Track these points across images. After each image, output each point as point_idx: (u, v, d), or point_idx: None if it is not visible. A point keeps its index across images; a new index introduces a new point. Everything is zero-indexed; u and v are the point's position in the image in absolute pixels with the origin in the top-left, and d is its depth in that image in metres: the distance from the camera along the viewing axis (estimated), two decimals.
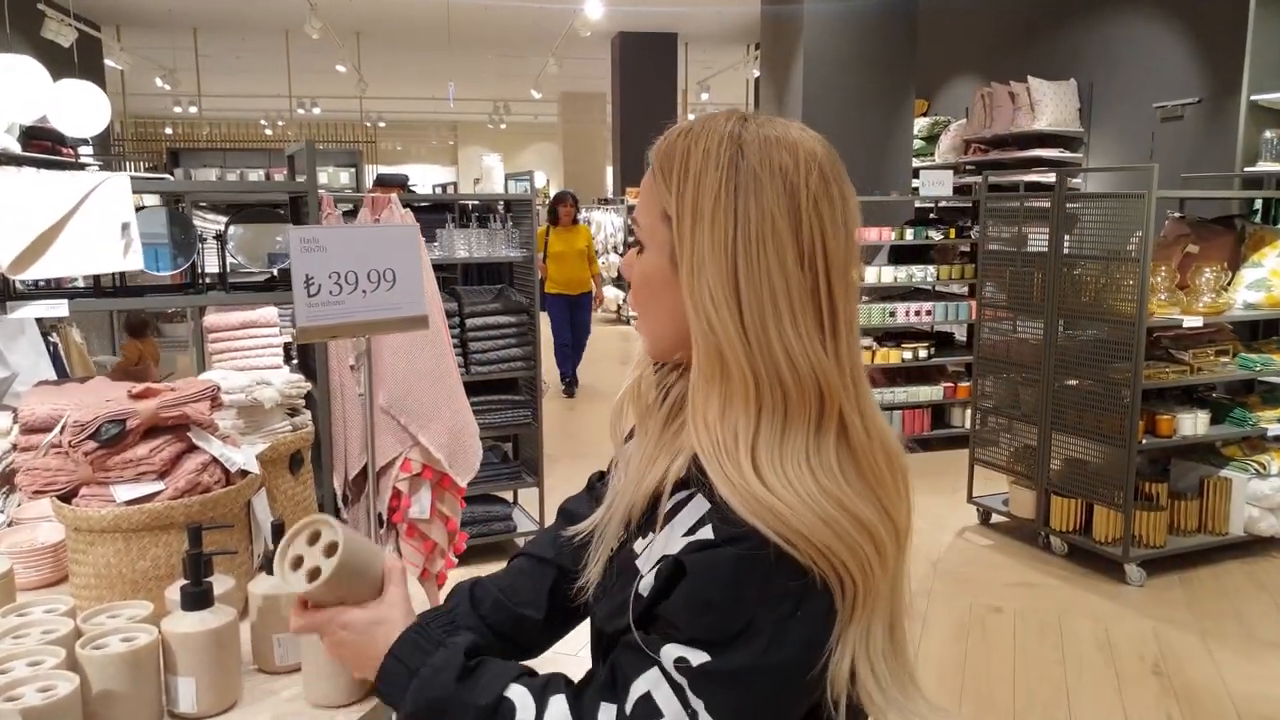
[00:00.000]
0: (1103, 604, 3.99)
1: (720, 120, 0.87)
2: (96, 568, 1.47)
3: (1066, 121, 7.66)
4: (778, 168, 0.83)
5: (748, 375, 0.82)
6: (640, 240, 0.92)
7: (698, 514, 0.84)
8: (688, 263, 0.84)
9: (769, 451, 0.81)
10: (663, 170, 0.87)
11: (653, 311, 0.92)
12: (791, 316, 0.82)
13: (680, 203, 0.85)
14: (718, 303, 0.82)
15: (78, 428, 1.49)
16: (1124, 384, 4.10)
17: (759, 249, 0.81)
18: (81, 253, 2.42)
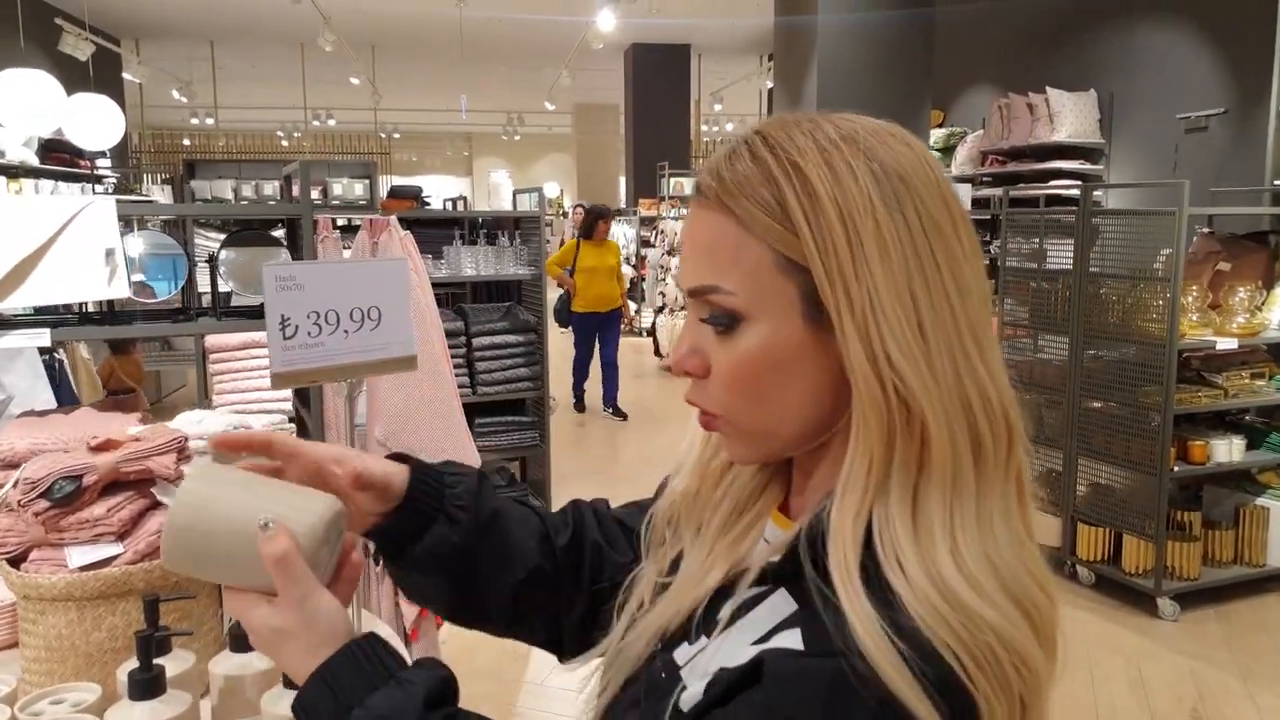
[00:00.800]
0: (1135, 640, 3.82)
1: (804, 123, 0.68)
2: (47, 639, 1.35)
3: (1086, 133, 7.49)
4: (913, 164, 0.66)
5: (944, 435, 0.62)
6: (733, 312, 0.67)
7: (779, 616, 0.65)
8: (856, 308, 0.63)
9: (968, 532, 0.62)
10: (762, 204, 0.65)
11: (773, 399, 0.68)
12: (976, 344, 0.65)
13: (823, 238, 0.63)
14: (907, 348, 0.63)
15: (28, 485, 1.36)
16: (1154, 408, 3.94)
17: (934, 270, 0.64)
18: (64, 280, 2.31)
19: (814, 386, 0.67)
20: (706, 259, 0.68)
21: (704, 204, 0.69)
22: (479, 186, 26.35)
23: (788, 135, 0.67)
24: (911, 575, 0.59)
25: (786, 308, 0.66)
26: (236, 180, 12.29)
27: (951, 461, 0.63)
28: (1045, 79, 7.74)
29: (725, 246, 0.67)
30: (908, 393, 0.62)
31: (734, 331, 0.67)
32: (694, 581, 0.74)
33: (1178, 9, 6.96)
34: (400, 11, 11.73)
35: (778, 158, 0.65)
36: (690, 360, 0.71)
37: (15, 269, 2.26)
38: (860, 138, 0.66)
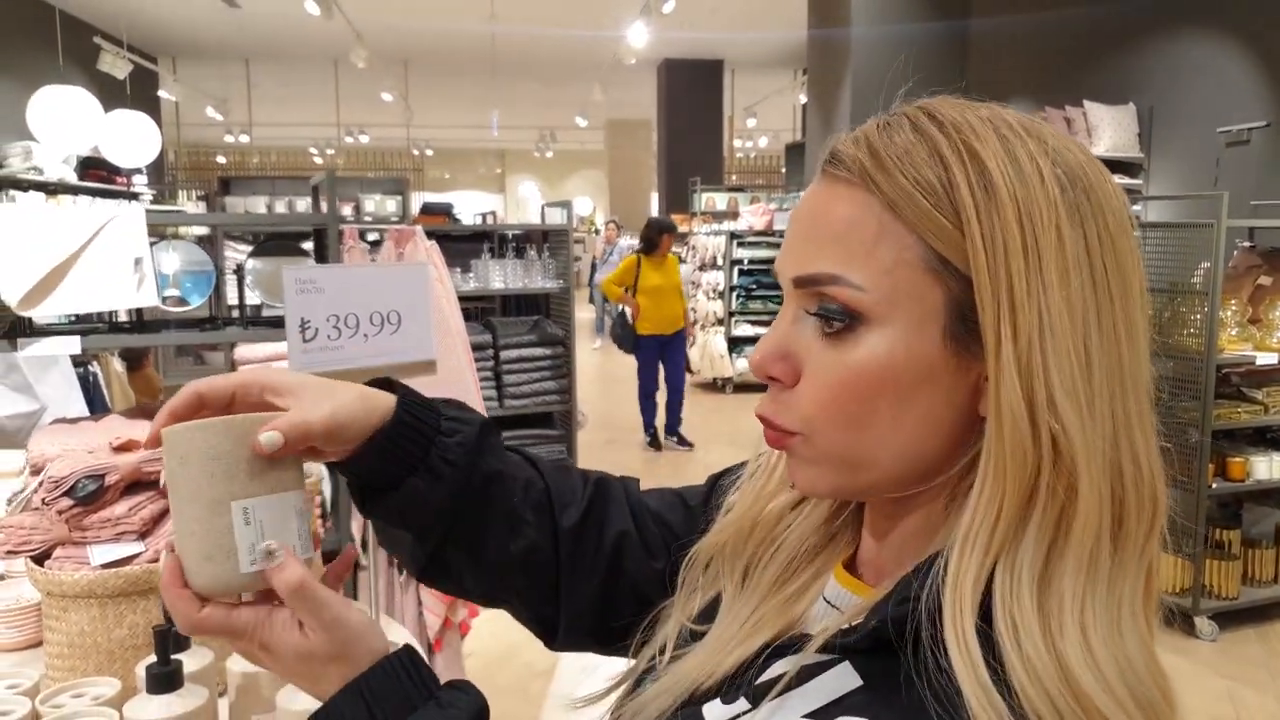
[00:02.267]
0: (1171, 660, 3.71)
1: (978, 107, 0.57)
2: (70, 635, 1.35)
3: (1125, 146, 7.41)
4: (1099, 177, 0.55)
5: (1093, 500, 0.52)
6: (856, 310, 0.55)
7: (839, 690, 0.55)
8: (1022, 333, 0.52)
9: (1100, 618, 0.52)
10: (920, 184, 0.54)
11: (882, 422, 0.56)
12: (1138, 401, 0.54)
13: (994, 239, 0.52)
14: (1073, 395, 0.52)
15: (52, 484, 1.37)
16: (1192, 424, 3.86)
17: (1108, 304, 0.53)
18: (94, 289, 2.34)
19: (933, 419, 0.56)
20: (831, 243, 0.56)
21: (839, 178, 0.57)
22: (511, 203, 26.53)
23: (960, 114, 0.56)
24: (1030, 655, 0.50)
25: (925, 317, 0.54)
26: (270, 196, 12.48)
27: (1095, 533, 0.52)
28: (1083, 92, 7.66)
29: (862, 231, 0.55)
30: (1067, 445, 0.52)
31: (849, 334, 0.56)
32: (736, 638, 0.64)
33: (1219, 21, 6.88)
34: (432, 27, 11.87)
35: (948, 136, 0.54)
36: (778, 364, 0.58)
37: (46, 278, 2.30)
38: (1046, 135, 0.56)
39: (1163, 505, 0.55)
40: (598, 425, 8.05)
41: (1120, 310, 0.54)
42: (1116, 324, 0.54)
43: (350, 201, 11.64)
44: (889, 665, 0.54)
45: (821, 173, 0.59)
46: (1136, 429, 0.54)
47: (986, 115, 0.56)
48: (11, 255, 2.23)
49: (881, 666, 0.54)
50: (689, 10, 10.24)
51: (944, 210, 0.53)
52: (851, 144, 0.57)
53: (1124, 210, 0.56)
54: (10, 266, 2.21)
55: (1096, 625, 0.51)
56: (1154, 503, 0.54)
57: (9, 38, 9.51)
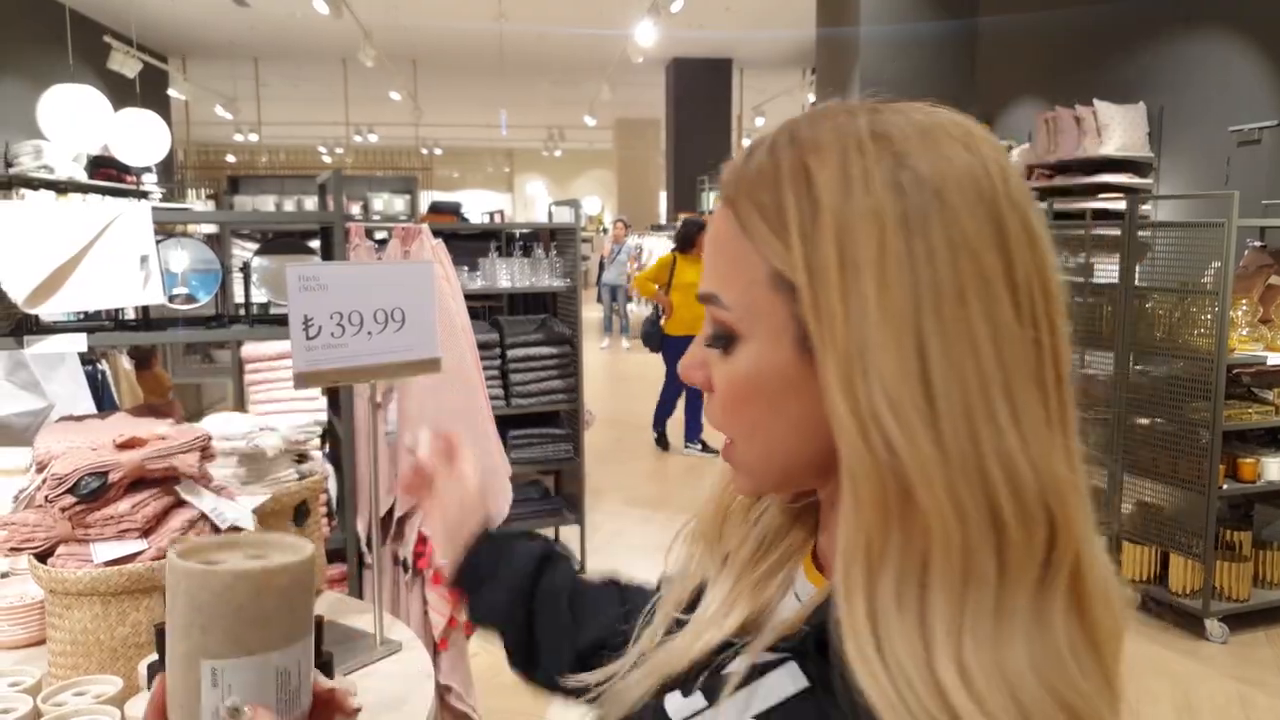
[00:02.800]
0: (1182, 662, 3.71)
1: (841, 115, 0.57)
2: (73, 633, 1.35)
3: (1136, 146, 7.36)
4: (964, 175, 0.53)
5: (951, 519, 0.50)
6: (728, 327, 0.59)
7: (788, 690, 0.56)
8: (839, 348, 0.52)
9: (978, 641, 0.50)
10: (762, 208, 0.56)
11: (761, 430, 0.59)
12: (1010, 409, 0.51)
13: (813, 255, 0.53)
14: (899, 405, 0.51)
15: (56, 481, 1.37)
16: (1202, 424, 3.84)
17: (956, 308, 0.51)
18: (99, 286, 2.34)
19: (808, 422, 0.56)
20: (714, 265, 0.60)
21: (722, 201, 0.60)
22: (519, 202, 26.55)
23: (813, 129, 0.56)
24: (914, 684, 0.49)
25: (778, 330, 0.56)
26: (279, 195, 12.50)
27: (960, 548, 0.50)
28: (1093, 91, 7.62)
29: (729, 252, 0.58)
30: (895, 460, 0.50)
31: (730, 350, 0.59)
32: (711, 621, 0.65)
33: (1230, 20, 6.84)
34: (441, 26, 11.87)
35: (793, 156, 0.55)
36: (695, 372, 0.63)
37: (52, 275, 2.30)
38: (898, 137, 0.54)
39: (1064, 514, 0.52)
40: (605, 424, 8.04)
41: (979, 314, 0.51)
42: (973, 329, 0.51)
43: (359, 200, 11.66)
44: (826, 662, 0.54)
45: None
46: (1010, 435, 0.51)
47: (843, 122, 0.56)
48: (18, 252, 2.23)
49: (825, 671, 0.54)
50: (697, 9, 10.23)
51: (777, 230, 0.55)
52: (727, 168, 0.60)
53: (994, 205, 0.53)
54: (16, 264, 2.22)
55: (977, 646, 0.49)
56: (1047, 513, 0.51)
57: (20, 37, 9.54)
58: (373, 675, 1.55)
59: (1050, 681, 0.49)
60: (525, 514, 4.43)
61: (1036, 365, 0.53)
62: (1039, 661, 0.50)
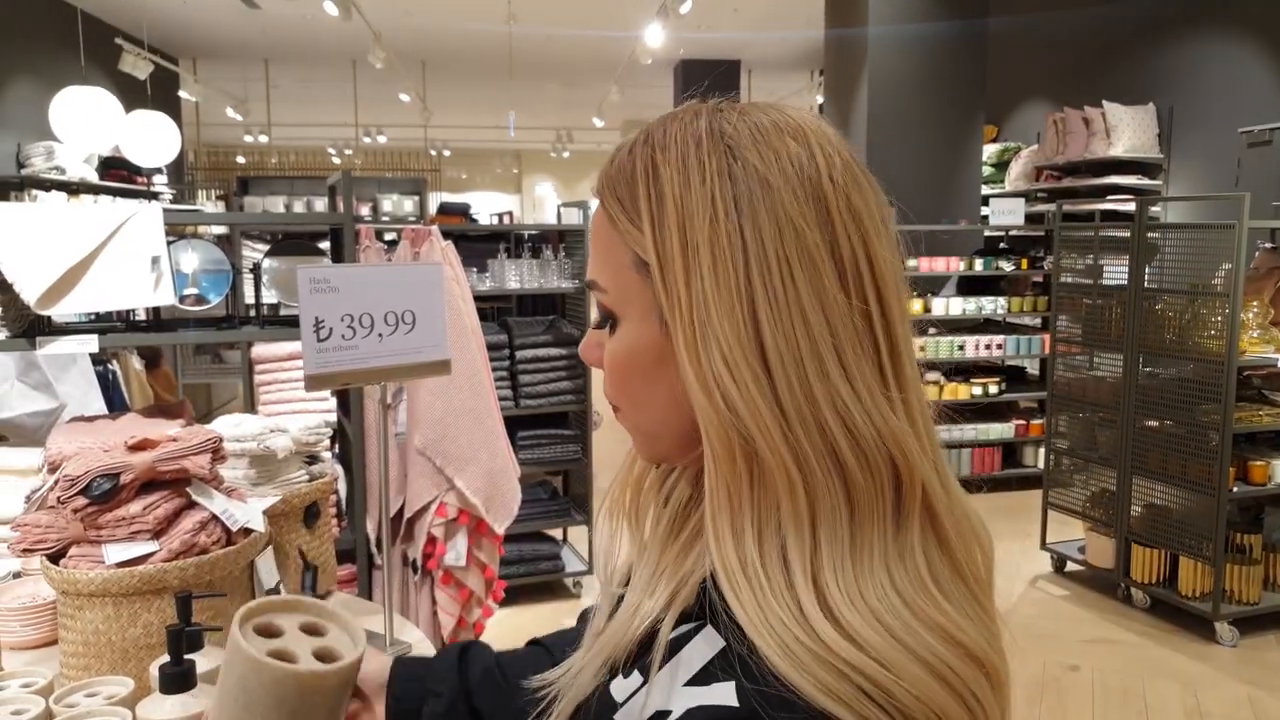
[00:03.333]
0: (1191, 665, 3.69)
1: (687, 117, 0.64)
2: (84, 634, 1.36)
3: (1145, 147, 7.34)
4: (789, 162, 0.59)
5: (791, 467, 0.56)
6: (608, 309, 0.66)
7: (708, 654, 0.59)
8: (685, 321, 0.58)
9: (838, 574, 0.55)
10: (621, 201, 0.63)
11: (644, 401, 0.65)
12: (842, 368, 0.57)
13: (661, 239, 0.60)
14: (736, 368, 0.57)
15: (68, 482, 1.38)
16: (1212, 427, 3.83)
17: (784, 280, 0.57)
18: (111, 288, 2.35)
19: (674, 392, 0.62)
20: (592, 254, 0.67)
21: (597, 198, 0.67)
22: (528, 203, 26.57)
23: (664, 130, 0.63)
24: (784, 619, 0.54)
25: (645, 309, 0.63)
26: (289, 196, 12.53)
27: (804, 492, 0.56)
28: (1102, 92, 7.60)
29: (602, 242, 0.65)
30: (735, 417, 0.57)
31: (612, 329, 0.66)
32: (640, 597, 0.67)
33: (1239, 20, 6.81)
34: (450, 28, 11.89)
35: (646, 155, 0.63)
36: (592, 352, 0.69)
37: (64, 277, 2.31)
38: (730, 134, 0.61)
39: (909, 468, 0.58)
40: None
41: (805, 285, 0.57)
42: (801, 296, 0.57)
43: (368, 201, 11.66)
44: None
45: None
46: (843, 389, 0.57)
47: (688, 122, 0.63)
48: (30, 254, 2.24)
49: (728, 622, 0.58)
50: (706, 10, 10.23)
51: (634, 220, 0.62)
52: (600, 174, 0.67)
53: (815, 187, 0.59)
54: (28, 265, 2.23)
55: (839, 581, 0.55)
56: (887, 455, 0.57)
57: (32, 39, 9.59)
58: None
59: (916, 604, 0.55)
60: (534, 514, 4.43)
61: (869, 333, 0.59)
62: (902, 588, 0.56)
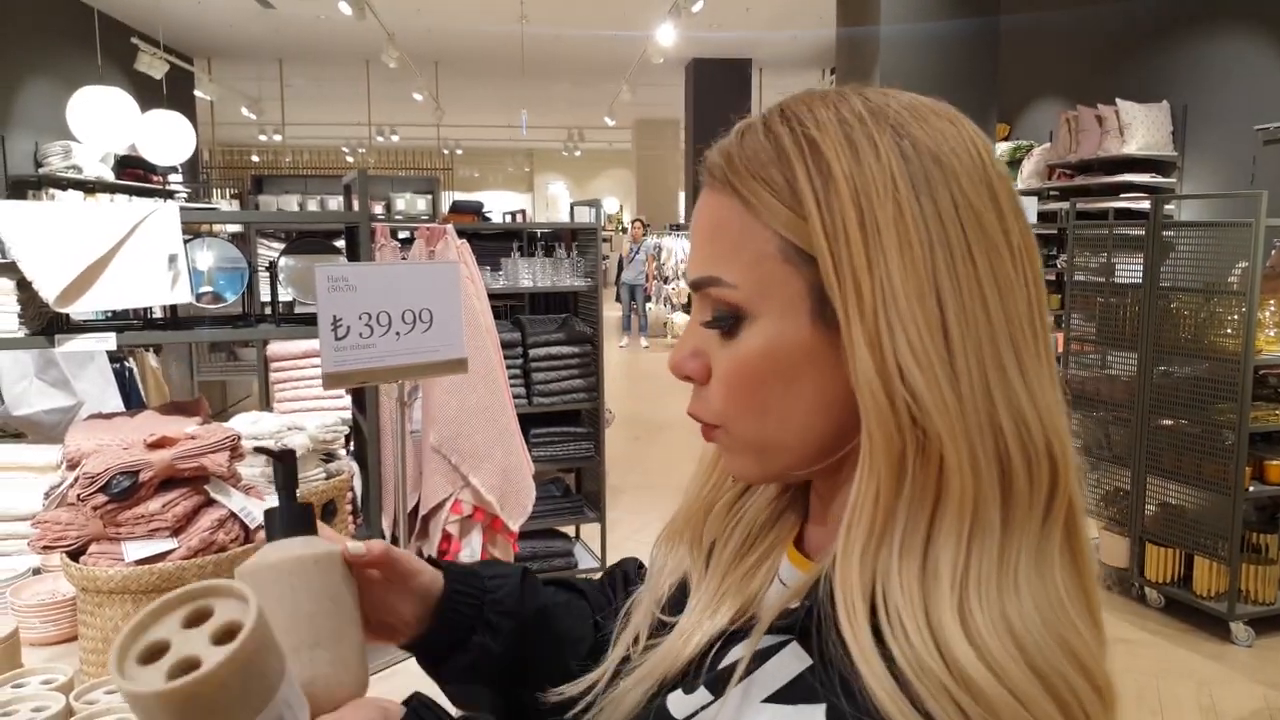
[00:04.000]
0: (1206, 665, 3.67)
1: (829, 97, 0.59)
2: (104, 631, 1.37)
3: (1158, 145, 7.30)
4: (955, 142, 0.56)
5: (967, 470, 0.52)
6: (735, 307, 0.58)
7: (793, 671, 0.55)
8: (867, 309, 0.53)
9: (983, 592, 0.51)
10: (769, 183, 0.56)
11: (778, 408, 0.58)
12: (1016, 356, 0.54)
13: (831, 221, 0.54)
14: (925, 359, 0.52)
15: (88, 480, 1.39)
16: (1227, 426, 3.81)
17: (967, 264, 0.53)
18: (128, 286, 2.37)
19: (824, 396, 0.57)
20: (709, 247, 0.60)
21: (711, 186, 0.60)
22: (539, 202, 26.60)
23: (808, 109, 0.58)
24: (913, 641, 0.49)
25: (793, 304, 0.57)
26: (302, 195, 12.58)
27: (973, 499, 0.52)
28: (1115, 90, 7.56)
29: (728, 232, 0.58)
30: (922, 413, 0.52)
31: (736, 331, 0.59)
32: (701, 619, 0.65)
33: (1254, 17, 6.76)
34: (463, 28, 11.92)
35: (793, 133, 0.57)
36: (691, 363, 0.62)
37: (82, 274, 2.32)
38: (892, 112, 0.57)
39: (1063, 460, 0.54)
40: (624, 422, 8.06)
41: (985, 270, 0.54)
42: (982, 285, 0.54)
43: (382, 200, 11.70)
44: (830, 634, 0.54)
45: (703, 184, 0.62)
46: (1018, 387, 0.53)
47: (834, 102, 0.58)
48: (48, 252, 2.26)
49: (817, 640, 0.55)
50: (717, 10, 10.22)
51: (788, 202, 0.56)
52: (716, 153, 0.61)
53: (985, 171, 0.56)
54: (47, 264, 2.25)
55: (981, 596, 0.50)
56: (1050, 459, 0.54)
57: (49, 39, 9.65)
58: (399, 674, 1.56)
59: (1053, 627, 0.50)
60: (546, 512, 4.44)
61: (1030, 316, 0.55)
62: (1041, 608, 0.51)
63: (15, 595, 1.63)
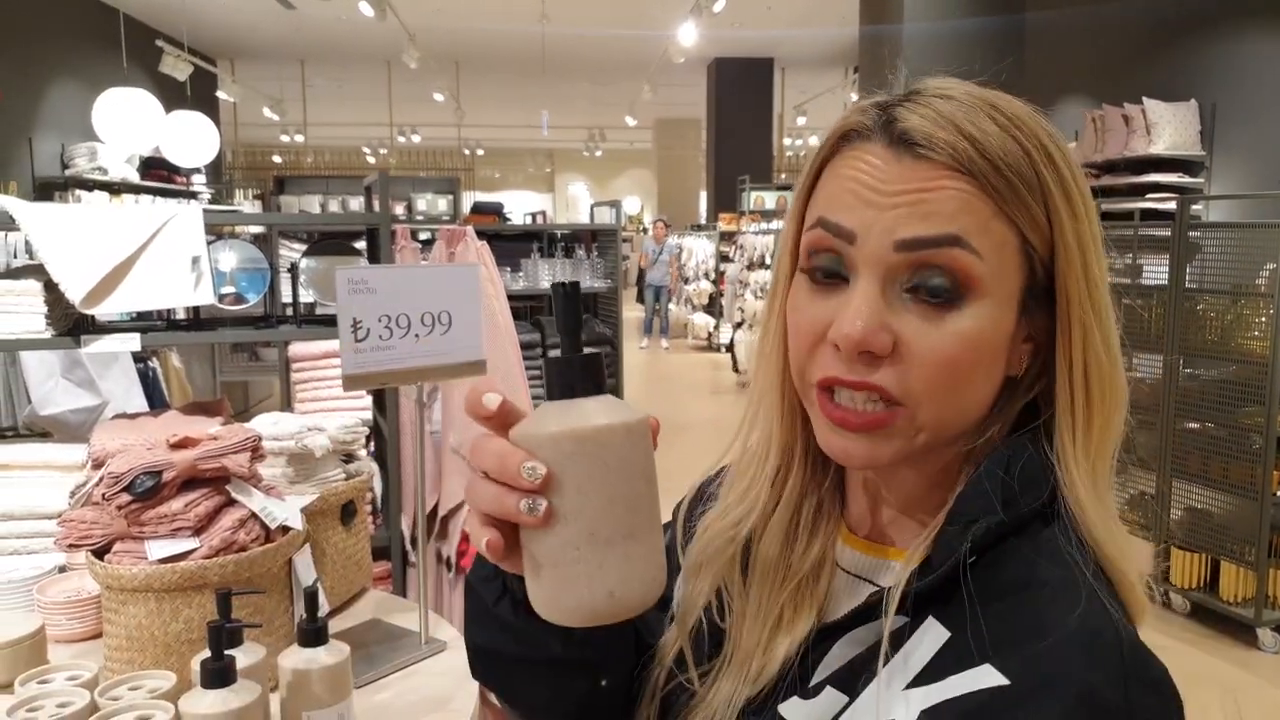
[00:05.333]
0: (1233, 672, 3.63)
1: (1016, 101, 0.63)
2: (128, 629, 1.38)
3: (1186, 145, 7.22)
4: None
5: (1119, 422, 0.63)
6: (971, 278, 0.58)
7: (932, 649, 0.57)
8: (1099, 308, 0.61)
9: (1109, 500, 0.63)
10: (1025, 182, 0.59)
11: (970, 387, 0.61)
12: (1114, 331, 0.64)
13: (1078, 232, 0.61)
14: (1108, 335, 0.62)
15: (112, 479, 1.40)
16: (1255, 429, 3.76)
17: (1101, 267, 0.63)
18: (153, 287, 2.39)
19: (993, 384, 0.62)
20: (946, 213, 0.58)
21: (929, 159, 0.59)
22: (560, 202, 26.65)
23: (1018, 110, 0.61)
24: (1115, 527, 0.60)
25: (1013, 294, 0.60)
26: (324, 195, 12.67)
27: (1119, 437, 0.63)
28: (1142, 89, 7.49)
29: (978, 210, 0.58)
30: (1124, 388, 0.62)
31: (952, 306, 0.58)
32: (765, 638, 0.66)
33: None
34: (484, 28, 11.96)
35: (1024, 134, 0.60)
36: (883, 335, 0.58)
37: (108, 276, 2.34)
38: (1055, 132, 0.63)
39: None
40: None
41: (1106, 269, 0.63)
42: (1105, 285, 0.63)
43: (402, 201, 11.76)
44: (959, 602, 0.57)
45: (894, 145, 0.60)
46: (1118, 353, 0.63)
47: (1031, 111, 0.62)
48: (74, 254, 2.28)
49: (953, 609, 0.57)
50: (739, 9, 10.20)
51: (1039, 206, 0.59)
52: (933, 124, 0.59)
53: None
54: (73, 265, 2.27)
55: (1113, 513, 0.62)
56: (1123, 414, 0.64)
57: (76, 41, 9.76)
58: (417, 674, 1.57)
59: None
60: None
61: None
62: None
63: (41, 592, 1.65)
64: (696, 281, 13.29)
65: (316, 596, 1.32)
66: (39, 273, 2.24)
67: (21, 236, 3.60)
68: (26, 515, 2.08)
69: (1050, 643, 0.53)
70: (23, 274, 2.35)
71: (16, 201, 2.27)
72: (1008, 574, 0.57)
